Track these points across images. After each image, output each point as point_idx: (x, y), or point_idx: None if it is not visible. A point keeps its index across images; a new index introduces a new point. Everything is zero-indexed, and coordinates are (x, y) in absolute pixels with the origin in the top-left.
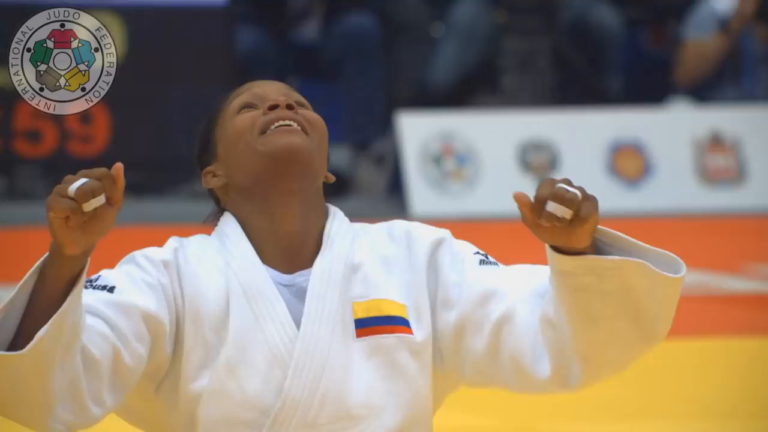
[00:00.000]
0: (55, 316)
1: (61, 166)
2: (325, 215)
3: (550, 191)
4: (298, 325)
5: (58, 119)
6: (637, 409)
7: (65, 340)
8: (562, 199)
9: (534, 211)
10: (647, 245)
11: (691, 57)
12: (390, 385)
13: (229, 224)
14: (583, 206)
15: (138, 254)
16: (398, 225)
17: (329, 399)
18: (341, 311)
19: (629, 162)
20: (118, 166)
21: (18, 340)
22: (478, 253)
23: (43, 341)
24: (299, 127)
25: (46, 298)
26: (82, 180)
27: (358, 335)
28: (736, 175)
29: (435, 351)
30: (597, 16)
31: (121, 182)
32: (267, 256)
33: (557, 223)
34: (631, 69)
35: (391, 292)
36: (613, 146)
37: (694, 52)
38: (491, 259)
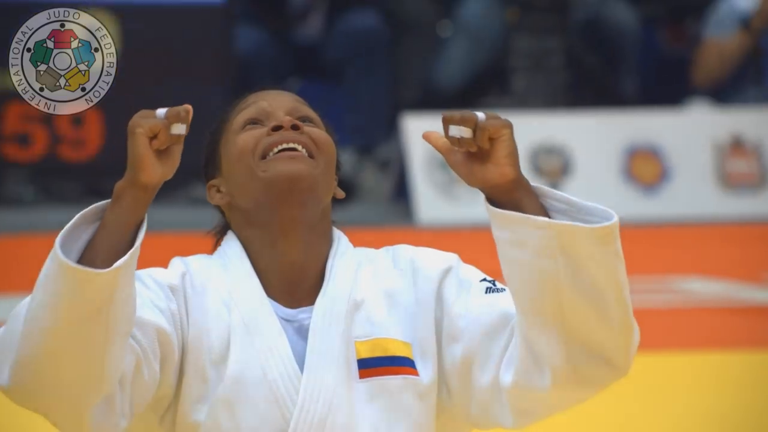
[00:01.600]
0: (132, 250)
1: (51, 171)
2: (329, 242)
3: (448, 116)
4: (299, 363)
5: (48, 122)
6: (655, 424)
7: (125, 303)
8: (459, 119)
9: (448, 144)
10: (579, 202)
11: (710, 56)
12: (394, 428)
13: (233, 249)
14: (484, 123)
15: (144, 275)
16: (403, 252)
17: None
18: (344, 351)
19: (646, 167)
20: (189, 107)
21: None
22: (484, 280)
23: (120, 272)
24: (304, 150)
25: (109, 243)
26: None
27: (362, 376)
28: (757, 181)
29: (442, 388)
30: (612, 13)
31: (189, 121)
32: (269, 287)
33: (467, 146)
34: (648, 69)
35: (395, 331)
36: (629, 150)
37: (714, 51)
38: (498, 285)
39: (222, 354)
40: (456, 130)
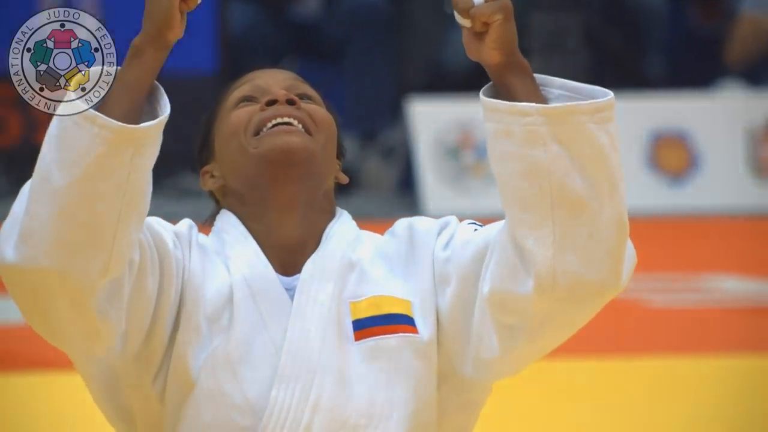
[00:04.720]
0: (163, 116)
1: (27, 158)
2: (330, 217)
3: (453, 3)
4: None
5: (23, 106)
6: (685, 430)
7: (147, 171)
8: (457, 8)
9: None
10: (578, 85)
11: (745, 35)
12: (393, 391)
13: (230, 222)
14: (475, 11)
15: (152, 220)
16: (400, 221)
17: (322, 408)
18: (336, 312)
19: (673, 154)
20: None
21: None
22: (473, 223)
23: (153, 130)
24: (300, 125)
25: (129, 101)
26: None
27: (357, 338)
28: None
29: (442, 344)
30: None
31: None
32: (266, 257)
33: (469, 29)
34: (676, 48)
35: (393, 288)
36: (655, 136)
37: (749, 29)
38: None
39: (218, 311)
40: (460, 20)
